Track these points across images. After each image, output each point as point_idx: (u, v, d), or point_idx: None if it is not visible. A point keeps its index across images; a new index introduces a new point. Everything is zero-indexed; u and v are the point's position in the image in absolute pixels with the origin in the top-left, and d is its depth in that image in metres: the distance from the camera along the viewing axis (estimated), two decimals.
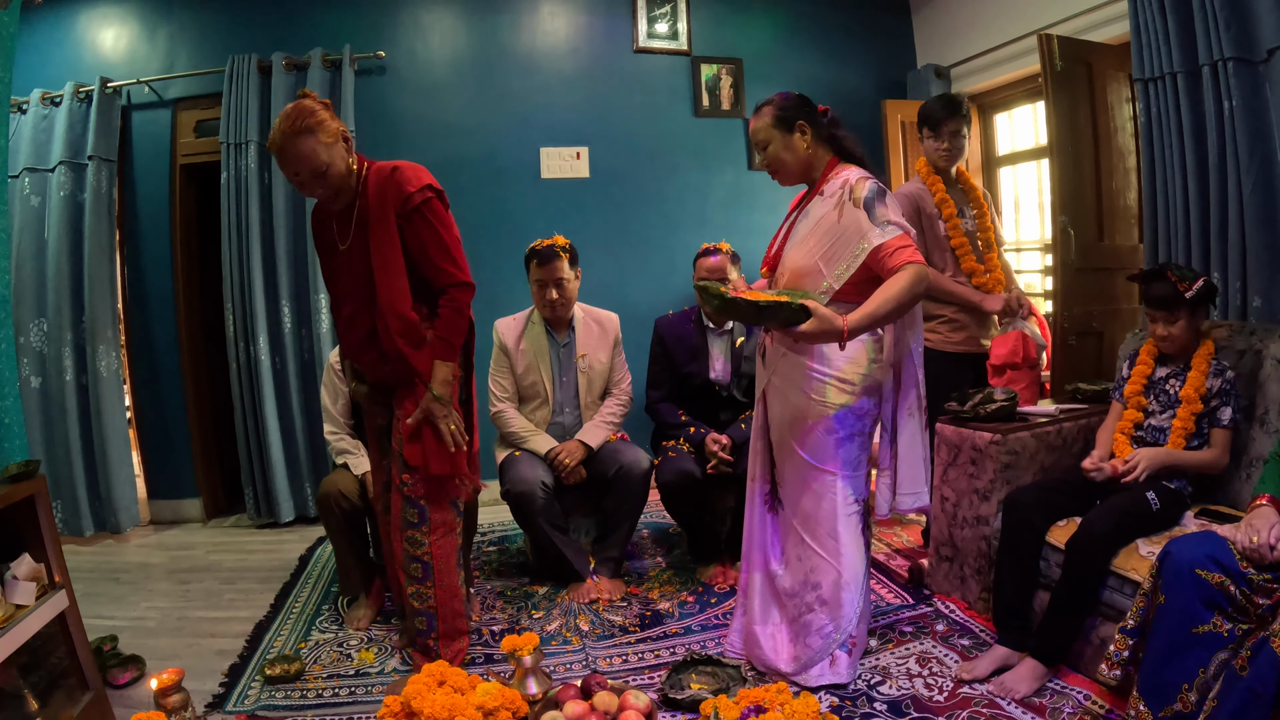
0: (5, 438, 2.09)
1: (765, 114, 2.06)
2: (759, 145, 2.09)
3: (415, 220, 2.04)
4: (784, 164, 2.08)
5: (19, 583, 1.79)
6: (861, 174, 2.00)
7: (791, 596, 2.08)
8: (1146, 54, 2.75)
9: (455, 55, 4.01)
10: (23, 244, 3.59)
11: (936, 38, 4.40)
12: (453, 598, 2.17)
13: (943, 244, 2.72)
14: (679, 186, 4.21)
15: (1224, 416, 2.09)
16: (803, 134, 2.04)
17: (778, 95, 2.08)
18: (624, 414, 2.96)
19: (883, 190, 1.96)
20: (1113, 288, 3.31)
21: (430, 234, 2.06)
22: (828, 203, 2.01)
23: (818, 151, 2.08)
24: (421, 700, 1.74)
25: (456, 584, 2.18)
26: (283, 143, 1.92)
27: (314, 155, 1.94)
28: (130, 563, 3.36)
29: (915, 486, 2.09)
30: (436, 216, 2.07)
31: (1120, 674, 1.71)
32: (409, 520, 2.11)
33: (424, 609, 2.15)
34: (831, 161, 2.09)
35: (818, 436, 2.00)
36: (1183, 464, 2.07)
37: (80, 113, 3.64)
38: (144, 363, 3.93)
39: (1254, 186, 2.43)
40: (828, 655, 2.02)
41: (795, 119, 2.03)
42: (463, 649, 2.23)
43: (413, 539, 2.12)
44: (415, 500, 2.10)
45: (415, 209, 2.03)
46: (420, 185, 2.04)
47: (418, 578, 2.13)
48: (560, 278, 2.80)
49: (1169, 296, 2.11)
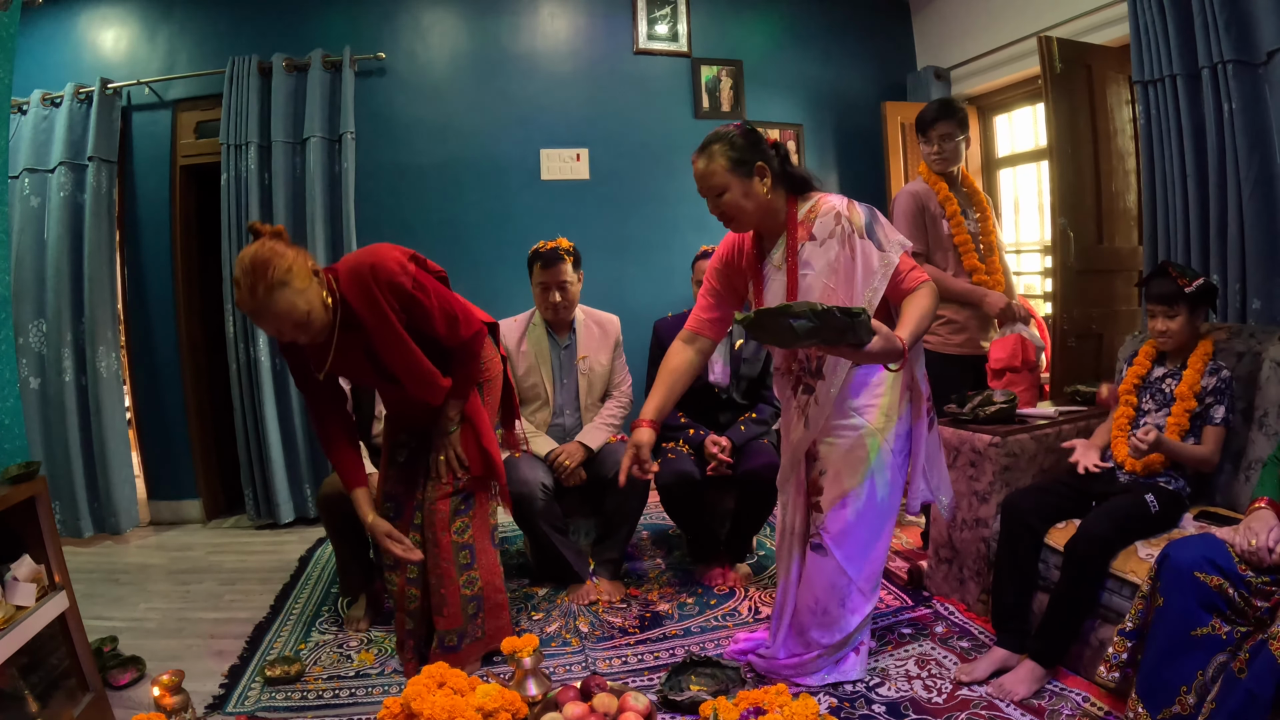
0: (5, 439, 2.09)
1: (716, 155, 1.85)
2: (711, 190, 1.89)
3: (412, 302, 1.96)
4: (743, 211, 1.89)
5: (19, 584, 1.79)
6: (842, 200, 1.91)
7: (813, 614, 2.02)
8: (1146, 56, 2.75)
9: (455, 56, 4.02)
10: (22, 245, 3.60)
11: (936, 40, 4.40)
12: (494, 574, 2.25)
13: (945, 243, 2.73)
14: (679, 188, 4.21)
15: (1217, 415, 2.09)
16: (762, 177, 1.87)
17: (725, 129, 1.89)
18: (624, 416, 2.96)
19: (874, 210, 1.92)
20: (1112, 290, 3.31)
21: (430, 303, 1.99)
22: (829, 245, 1.88)
23: (776, 193, 1.92)
24: (421, 702, 1.74)
25: (496, 560, 2.27)
26: (255, 306, 1.75)
27: (293, 309, 1.77)
28: (130, 564, 3.36)
29: (944, 482, 2.08)
30: (426, 288, 1.98)
31: (1119, 676, 1.71)
32: (457, 509, 2.19)
33: (474, 594, 2.19)
34: (790, 201, 1.94)
35: (887, 474, 1.94)
36: (1177, 453, 2.07)
37: (80, 114, 3.65)
38: (144, 364, 3.93)
39: (1253, 189, 2.43)
40: (837, 653, 2.03)
41: (754, 160, 1.86)
42: (506, 623, 2.28)
43: (460, 526, 2.19)
44: (463, 491, 2.20)
45: (410, 294, 1.94)
46: (402, 268, 1.93)
47: (467, 564, 2.19)
48: (564, 280, 2.80)
49: (1169, 291, 2.13)
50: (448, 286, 2.15)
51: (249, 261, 1.75)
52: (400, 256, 1.96)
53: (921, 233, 2.72)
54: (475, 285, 3.94)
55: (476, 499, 2.24)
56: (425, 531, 2.19)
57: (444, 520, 2.17)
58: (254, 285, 1.73)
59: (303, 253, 1.84)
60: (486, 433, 2.23)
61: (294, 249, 1.82)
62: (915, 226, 2.72)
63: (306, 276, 1.81)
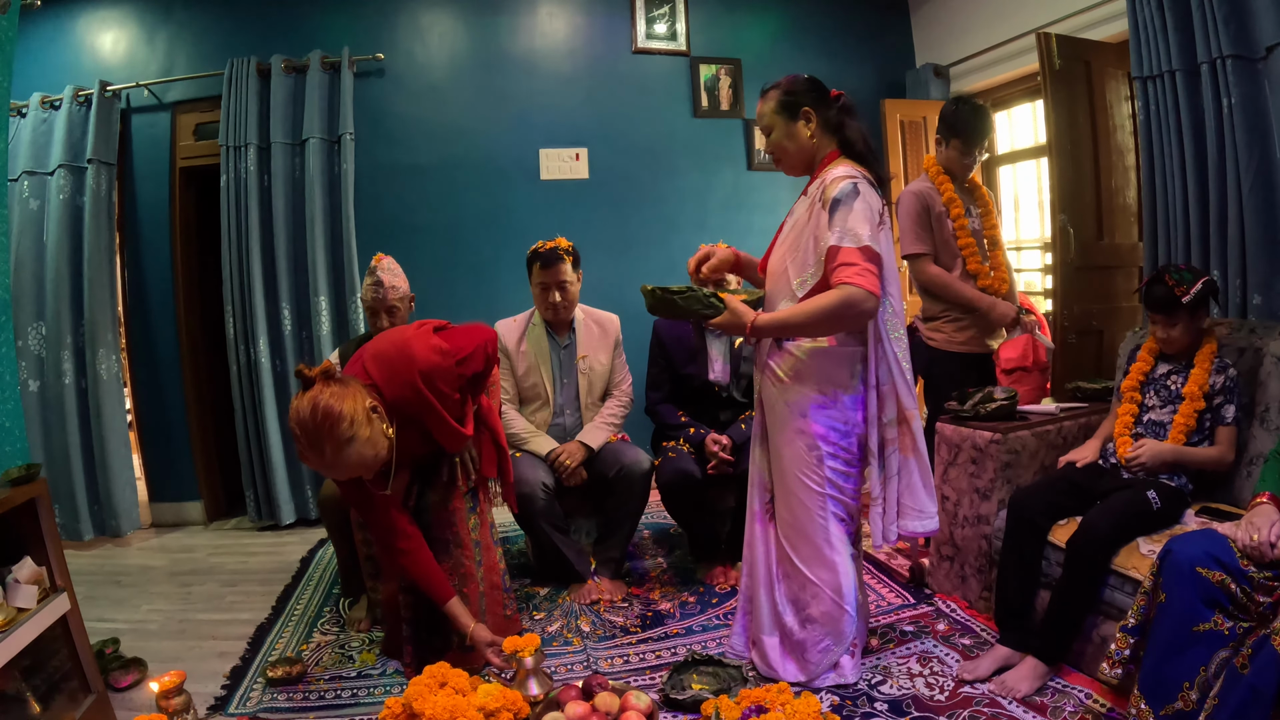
0: (5, 441, 2.09)
1: (771, 97, 1.96)
2: (764, 130, 2.01)
3: (455, 378, 1.99)
4: (786, 152, 1.98)
5: (20, 586, 1.79)
6: (846, 172, 1.87)
7: (788, 612, 2.04)
8: (1145, 52, 2.75)
9: (454, 57, 4.02)
10: (21, 247, 3.59)
11: (935, 37, 4.40)
12: (495, 571, 2.32)
13: (951, 244, 2.72)
14: (678, 187, 4.21)
15: (1228, 414, 2.09)
16: (807, 121, 1.93)
17: (786, 78, 1.96)
18: (624, 415, 2.96)
19: (857, 193, 1.82)
20: (1113, 286, 3.31)
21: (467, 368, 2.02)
22: (806, 201, 1.94)
23: (821, 141, 1.95)
24: (423, 702, 1.73)
25: (496, 557, 2.34)
26: (325, 464, 1.73)
27: (363, 460, 1.76)
28: (131, 565, 3.36)
29: (918, 506, 1.95)
30: (438, 390, 1.95)
31: (1121, 672, 1.71)
32: (469, 508, 2.24)
33: (487, 586, 2.23)
34: (831, 154, 1.95)
35: (802, 452, 1.94)
36: (1188, 461, 2.07)
37: (79, 116, 3.65)
38: (144, 366, 3.93)
39: (1253, 184, 2.43)
40: (831, 667, 2.01)
41: (800, 105, 1.92)
42: (505, 619, 2.31)
43: (475, 524, 2.24)
44: (471, 490, 2.25)
45: (452, 370, 1.96)
46: (441, 355, 1.94)
47: (479, 559, 2.23)
48: (563, 280, 2.80)
49: (1166, 301, 2.11)
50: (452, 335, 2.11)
51: (308, 420, 1.68)
52: (431, 347, 1.93)
53: (927, 233, 2.70)
54: (475, 285, 3.97)
55: (480, 497, 2.28)
56: (438, 533, 2.17)
57: (463, 519, 2.19)
58: (320, 446, 1.69)
59: (356, 391, 1.76)
60: (499, 432, 2.28)
61: (348, 390, 1.74)
62: (921, 227, 2.69)
63: (367, 420, 1.75)
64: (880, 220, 1.85)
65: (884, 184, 1.96)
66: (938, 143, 2.78)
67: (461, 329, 2.13)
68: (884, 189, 1.96)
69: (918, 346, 2.83)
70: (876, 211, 1.84)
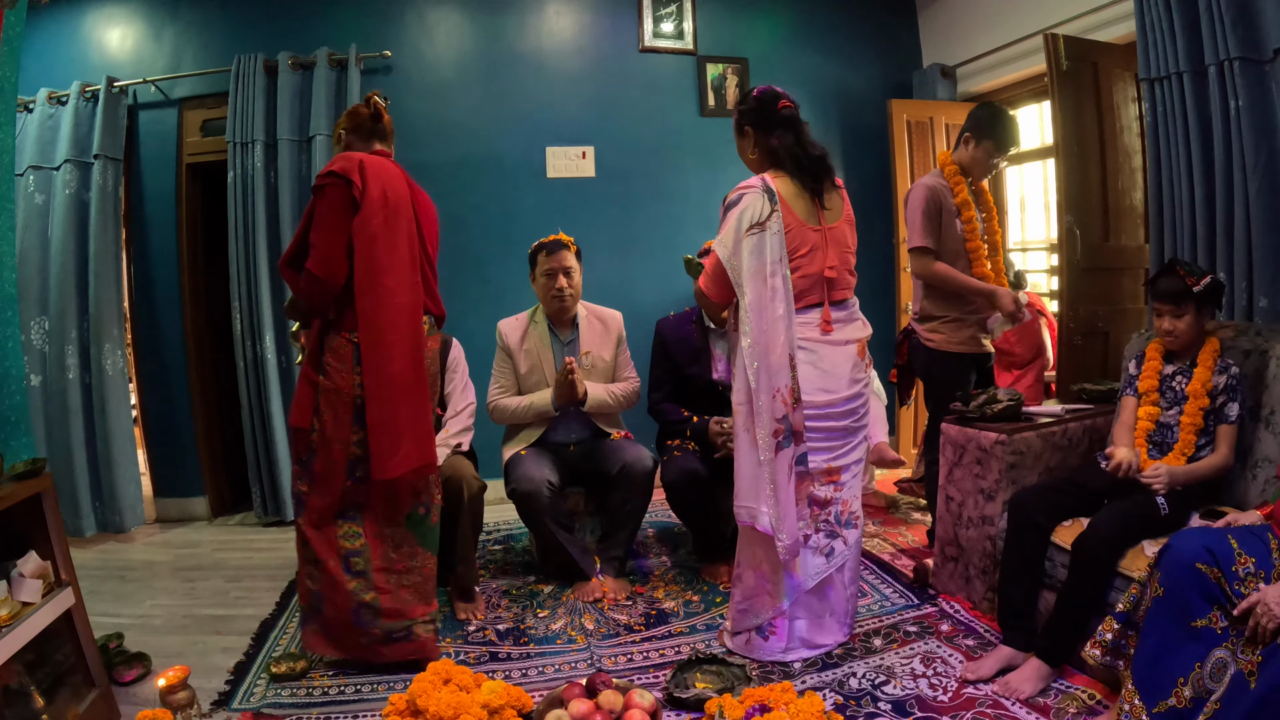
0: (12, 435, 2.10)
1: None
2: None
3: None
4: (749, 164, 2.11)
5: (25, 580, 1.79)
6: (745, 181, 2.00)
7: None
8: (1153, 53, 2.74)
9: (461, 54, 4.02)
10: (27, 242, 3.59)
11: (942, 37, 4.39)
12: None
13: (958, 244, 2.71)
14: (684, 186, 4.21)
15: (1231, 413, 2.08)
16: (749, 139, 2.02)
17: (749, 93, 2.07)
18: (629, 394, 2.95)
19: (739, 201, 1.96)
20: (1118, 287, 3.30)
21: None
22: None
23: (761, 159, 2.04)
24: (427, 698, 1.74)
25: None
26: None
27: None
28: (136, 560, 3.37)
29: (745, 500, 2.03)
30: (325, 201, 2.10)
31: (1101, 655, 1.74)
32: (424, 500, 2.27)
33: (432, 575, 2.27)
34: (764, 169, 2.07)
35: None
36: (1199, 477, 2.07)
37: (86, 112, 3.65)
38: (150, 361, 3.93)
39: (1260, 186, 2.42)
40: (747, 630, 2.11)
41: (742, 124, 2.01)
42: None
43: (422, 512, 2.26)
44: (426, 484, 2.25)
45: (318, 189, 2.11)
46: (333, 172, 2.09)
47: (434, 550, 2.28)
48: (569, 266, 2.82)
49: (1177, 290, 2.11)
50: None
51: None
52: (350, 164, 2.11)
53: (935, 228, 2.69)
54: (481, 282, 3.97)
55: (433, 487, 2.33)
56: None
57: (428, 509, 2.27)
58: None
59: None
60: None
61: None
62: (930, 221, 2.68)
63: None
64: (755, 226, 1.94)
65: (822, 190, 2.06)
66: (964, 141, 2.76)
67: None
68: (822, 194, 2.06)
69: (916, 348, 2.84)
70: (750, 220, 1.95)
